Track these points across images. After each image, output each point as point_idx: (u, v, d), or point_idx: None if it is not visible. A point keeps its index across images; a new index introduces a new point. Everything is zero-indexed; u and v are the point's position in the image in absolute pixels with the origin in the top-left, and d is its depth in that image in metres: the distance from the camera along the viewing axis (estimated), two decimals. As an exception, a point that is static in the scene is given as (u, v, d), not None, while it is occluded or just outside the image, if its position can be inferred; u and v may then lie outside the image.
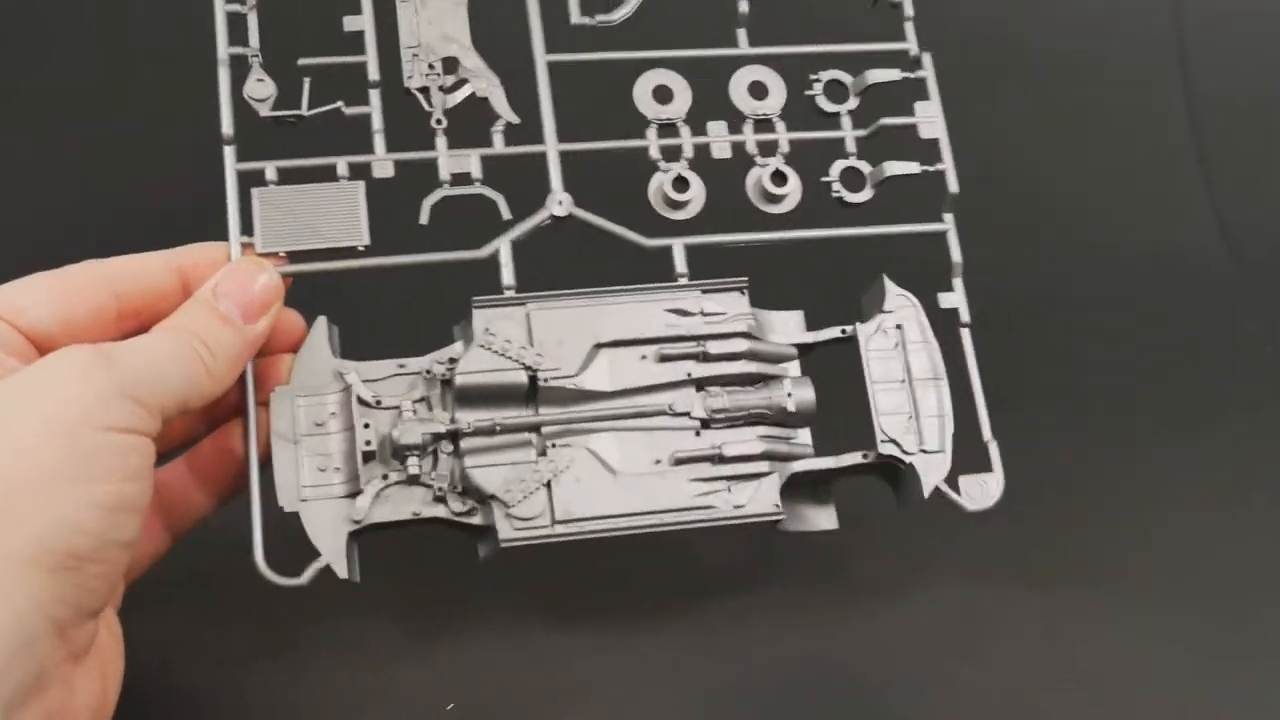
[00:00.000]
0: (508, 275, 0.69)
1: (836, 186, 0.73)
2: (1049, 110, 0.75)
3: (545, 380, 0.67)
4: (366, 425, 0.66)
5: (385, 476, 0.66)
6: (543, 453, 0.67)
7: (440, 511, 0.66)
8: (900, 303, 0.72)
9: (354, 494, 0.65)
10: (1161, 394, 0.92)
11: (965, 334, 0.72)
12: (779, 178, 0.73)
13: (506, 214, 0.69)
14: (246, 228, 0.67)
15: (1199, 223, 1.02)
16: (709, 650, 0.70)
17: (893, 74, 0.75)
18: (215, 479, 0.67)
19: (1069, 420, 0.88)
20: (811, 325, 0.72)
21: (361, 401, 0.67)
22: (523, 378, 0.67)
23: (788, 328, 0.72)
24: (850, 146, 0.74)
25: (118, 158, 0.93)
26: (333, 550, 0.65)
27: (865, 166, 0.74)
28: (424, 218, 0.69)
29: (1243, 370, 0.95)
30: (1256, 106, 1.07)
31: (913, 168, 0.73)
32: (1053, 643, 0.71)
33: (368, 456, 0.66)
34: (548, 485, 0.66)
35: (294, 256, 0.67)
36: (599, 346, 0.68)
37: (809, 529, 0.72)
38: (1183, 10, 1.09)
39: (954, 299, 0.73)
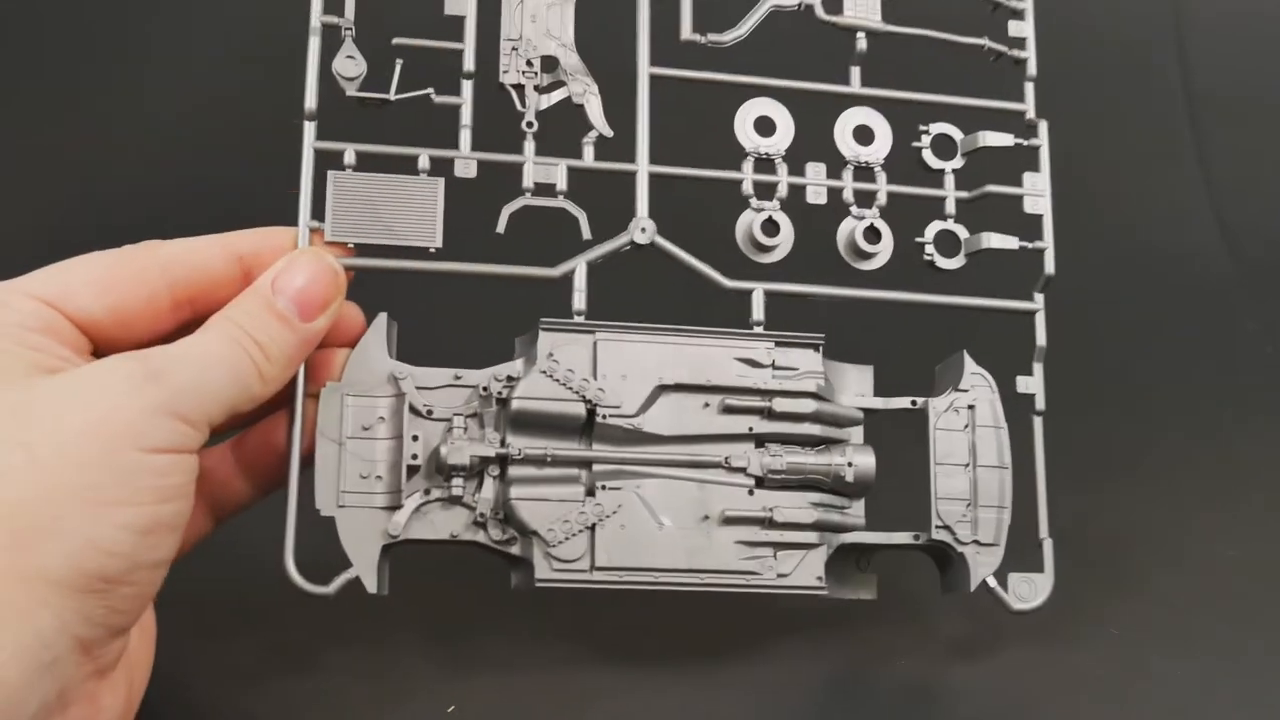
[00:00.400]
0: (579, 300, 0.69)
1: (930, 250, 0.74)
2: (1049, 111, 0.75)
3: (604, 416, 0.68)
4: (415, 438, 0.67)
5: (427, 492, 0.66)
6: (590, 492, 0.67)
7: (479, 537, 0.67)
8: (976, 381, 0.72)
9: (393, 506, 0.66)
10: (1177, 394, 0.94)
11: (1038, 423, 0.73)
12: (873, 234, 0.73)
13: (587, 234, 0.70)
14: (317, 212, 0.67)
15: (1199, 222, 1.04)
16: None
17: (1006, 139, 0.75)
18: (258, 469, 0.67)
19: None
20: (881, 383, 0.72)
21: (414, 410, 0.67)
22: (581, 410, 0.67)
23: (856, 385, 0.72)
24: (949, 208, 0.74)
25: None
26: (365, 561, 0.65)
27: (963, 232, 0.74)
28: (502, 226, 0.69)
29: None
30: (1256, 106, 1.08)
31: (1011, 243, 0.73)
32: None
33: (412, 470, 0.66)
34: (591, 529, 0.67)
35: (361, 250, 0.67)
36: (663, 388, 0.69)
37: (847, 597, 0.73)
38: (1182, 10, 1.09)
39: (1032, 384, 0.73)
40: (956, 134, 0.75)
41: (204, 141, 0.92)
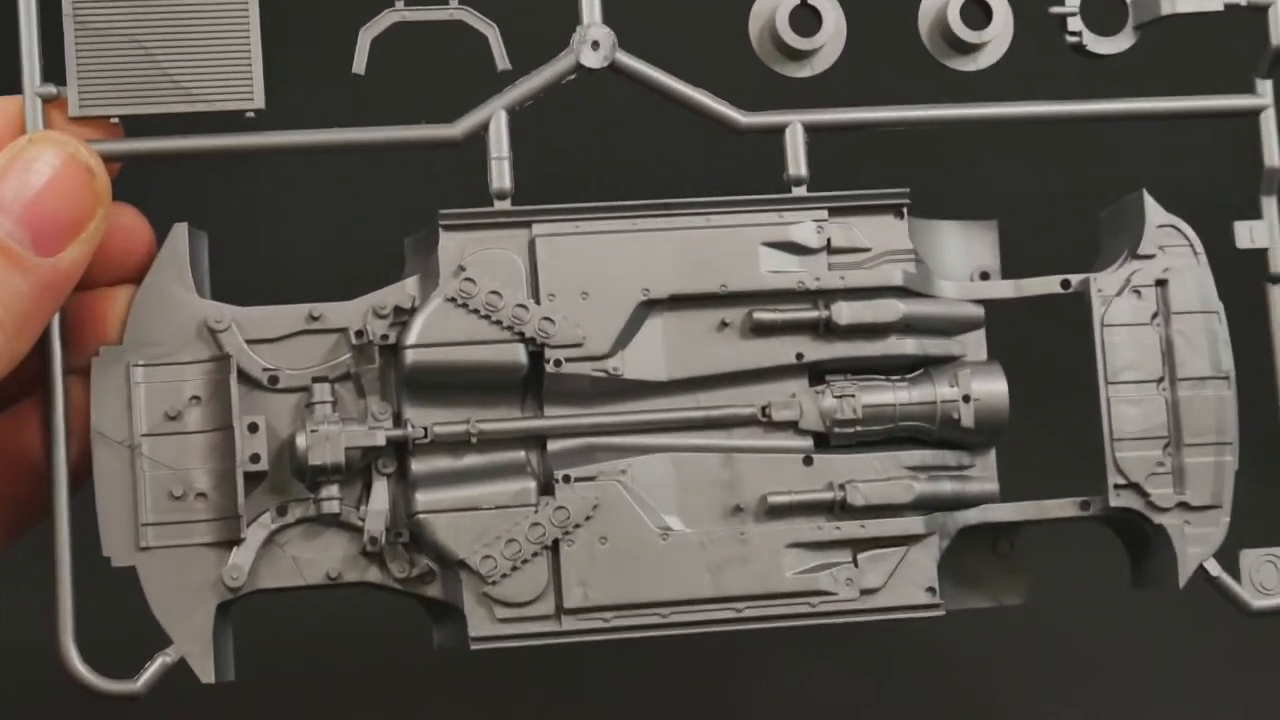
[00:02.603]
0: (501, 173, 0.67)
1: (1074, 23, 0.71)
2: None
3: (556, 362, 0.66)
4: (254, 427, 0.65)
5: (282, 511, 0.66)
6: (547, 488, 0.66)
7: (372, 575, 0.66)
8: (1168, 238, 0.70)
9: (228, 541, 0.65)
10: None
11: (1276, 293, 0.72)
12: (978, 10, 0.71)
13: (502, 61, 0.68)
14: (52, 71, 0.66)
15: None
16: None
17: None
18: (2, 497, 0.67)
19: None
20: (1010, 263, 0.71)
21: (247, 379, 0.66)
22: (521, 355, 0.66)
23: (967, 258, 0.71)
24: None
25: None
26: (190, 634, 0.64)
27: None
28: (360, 62, 0.67)
29: None
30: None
31: (1214, 1, 0.71)
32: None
33: (254, 480, 0.65)
34: (553, 548, 0.65)
35: (131, 126, 0.66)
36: (650, 306, 0.67)
37: (979, 604, 0.72)
38: None
39: (1262, 232, 0.71)
40: None
41: None
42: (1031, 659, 0.77)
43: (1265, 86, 0.72)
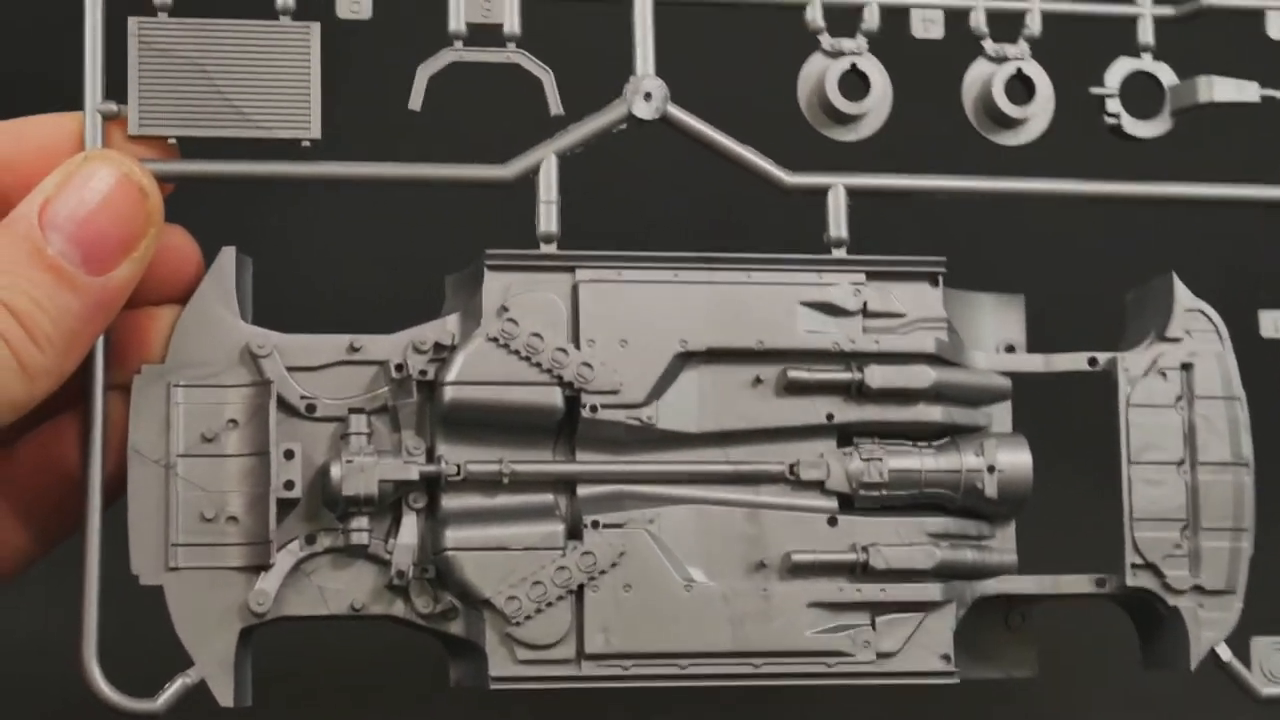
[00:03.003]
0: (549, 217, 0.68)
1: (1113, 105, 0.72)
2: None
3: (592, 408, 0.67)
4: (290, 453, 0.65)
5: (311, 539, 0.66)
6: (575, 532, 0.66)
7: (397, 609, 0.66)
8: (1195, 323, 0.71)
9: (257, 566, 0.65)
10: None
11: None
12: (1021, 87, 0.71)
13: (555, 106, 0.68)
14: (114, 89, 0.66)
15: None
16: None
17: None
18: (37, 506, 0.67)
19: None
20: (1034, 333, 0.72)
21: (285, 406, 0.66)
22: (557, 399, 0.66)
23: (997, 331, 0.72)
24: (1145, 36, 0.72)
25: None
26: (212, 657, 0.65)
27: (1167, 74, 0.72)
28: (416, 99, 0.68)
29: None
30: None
31: (1251, 91, 0.71)
32: None
33: (286, 507, 0.66)
34: (577, 593, 0.66)
35: (188, 148, 0.66)
36: (686, 358, 0.68)
37: (989, 675, 0.72)
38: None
39: None
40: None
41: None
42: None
43: (1300, 172, 0.71)
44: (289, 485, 0.65)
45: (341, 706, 0.71)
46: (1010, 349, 0.71)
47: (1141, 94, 0.72)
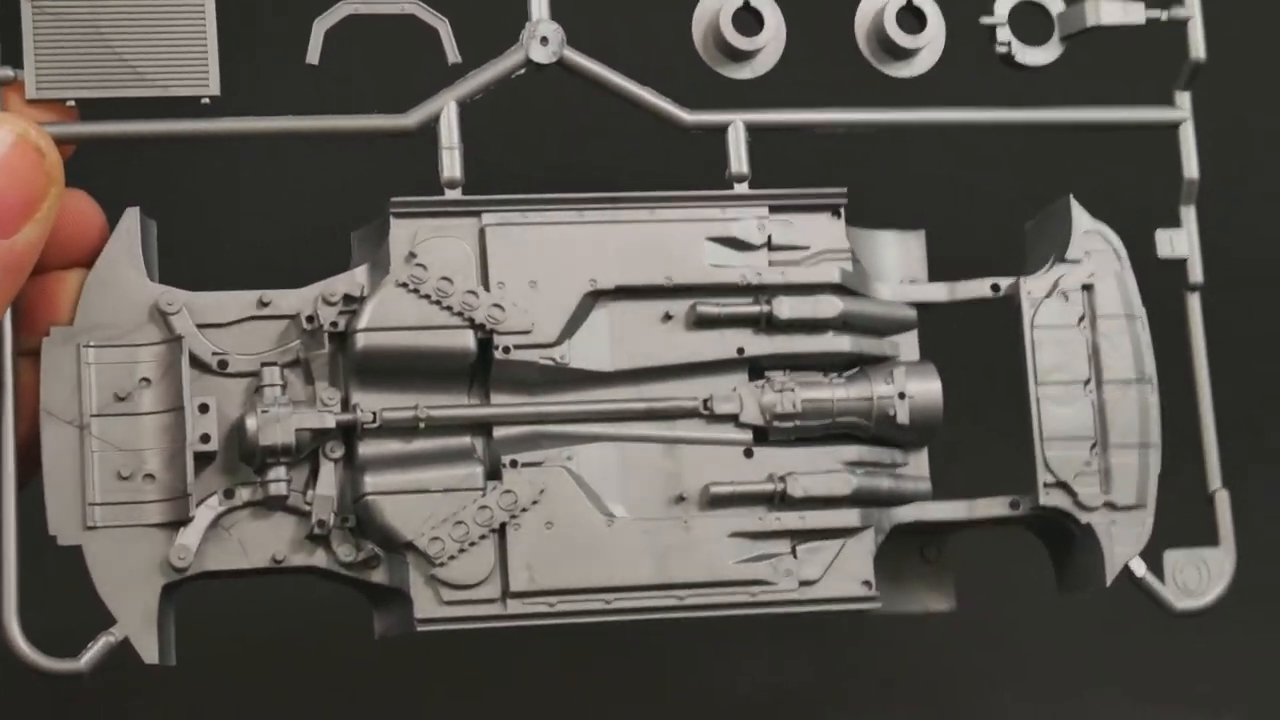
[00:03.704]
0: (452, 162, 0.68)
1: (1003, 34, 0.72)
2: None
3: (505, 349, 0.67)
4: (204, 407, 0.65)
5: (229, 494, 0.66)
6: (494, 474, 0.66)
7: (318, 559, 0.66)
8: (1093, 244, 0.71)
9: (177, 521, 0.65)
10: None
11: (1194, 301, 0.72)
12: (910, 18, 0.71)
13: (453, 54, 0.69)
14: (10, 56, 0.66)
15: None
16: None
17: None
18: None
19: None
20: (936, 268, 0.72)
21: (197, 362, 0.66)
22: (470, 342, 0.67)
23: (900, 265, 0.73)
24: None
25: None
26: (135, 614, 0.64)
27: (1055, 3, 0.73)
28: (314, 53, 0.68)
29: None
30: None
31: (1137, 14, 0.72)
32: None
33: (203, 461, 0.66)
34: (499, 531, 0.66)
35: (87, 109, 0.66)
36: (596, 296, 0.68)
37: (908, 609, 0.73)
38: None
39: (1181, 242, 0.72)
40: None
41: None
42: (963, 659, 0.78)
43: (1184, 99, 0.73)
44: (205, 439, 0.65)
45: (266, 663, 0.71)
46: (911, 281, 0.72)
47: (1031, 21, 0.72)
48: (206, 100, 0.66)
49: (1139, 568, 0.70)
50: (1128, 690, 0.77)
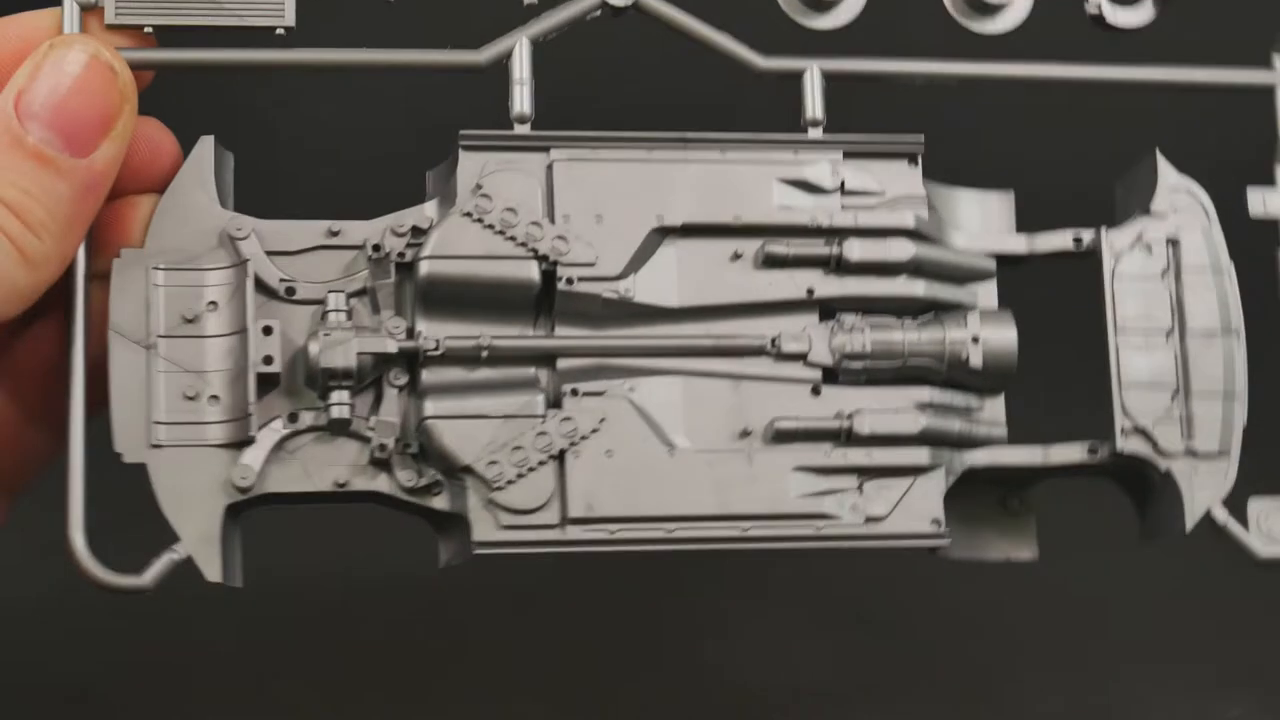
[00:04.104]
0: (522, 98, 0.69)
1: None
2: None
3: (569, 281, 0.67)
4: (268, 330, 0.66)
5: (293, 418, 0.67)
6: (555, 403, 0.67)
7: (380, 484, 0.67)
8: (1179, 201, 0.71)
9: (240, 442, 0.66)
10: None
11: None
12: None
13: None
14: None
15: None
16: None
17: None
18: (47, 400, 0.67)
19: None
20: (1025, 223, 0.72)
21: (264, 287, 0.67)
22: (534, 273, 0.67)
23: (982, 219, 0.72)
24: None
25: None
26: (198, 533, 0.65)
27: None
28: None
29: None
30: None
31: None
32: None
33: (267, 383, 0.66)
34: (559, 458, 0.66)
35: (164, 37, 0.67)
36: (664, 232, 0.68)
37: (987, 557, 0.72)
38: None
39: (1275, 201, 0.72)
40: None
41: None
42: (1038, 616, 0.77)
43: (1280, 61, 0.72)
44: (268, 360, 0.66)
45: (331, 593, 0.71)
46: (993, 233, 0.72)
47: None
48: (281, 31, 0.67)
49: (1221, 514, 0.69)
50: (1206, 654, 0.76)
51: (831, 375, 0.68)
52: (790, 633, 0.79)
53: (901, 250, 0.68)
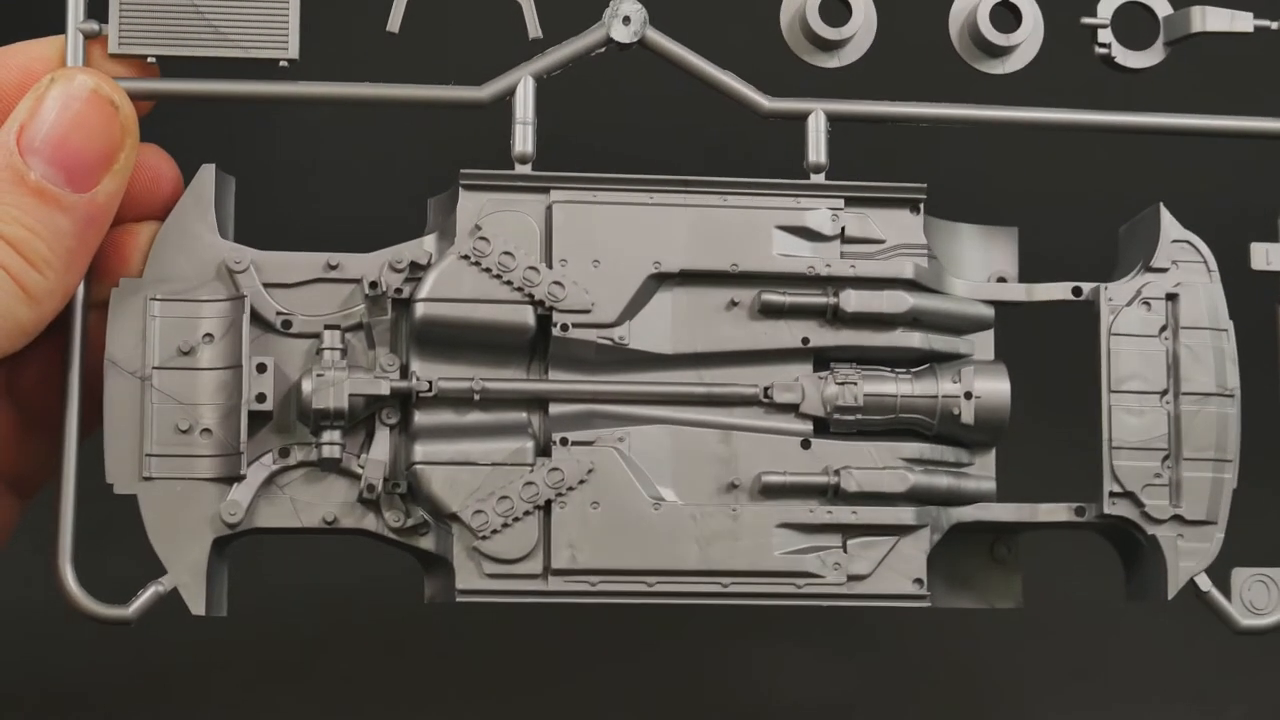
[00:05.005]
0: (524, 137, 0.69)
1: (1104, 36, 0.72)
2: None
3: (564, 327, 0.67)
4: (262, 367, 0.66)
5: (284, 453, 0.67)
6: (544, 450, 0.67)
7: (368, 523, 0.67)
8: (1181, 254, 0.71)
9: (230, 477, 0.66)
10: None
11: None
12: (1005, 14, 0.71)
13: (534, 29, 0.69)
14: (95, 8, 0.67)
15: None
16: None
17: None
18: (48, 409, 0.67)
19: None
20: (1028, 273, 0.72)
21: (260, 321, 0.67)
22: (528, 318, 0.67)
23: (982, 262, 0.72)
24: None
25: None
26: (185, 567, 0.66)
27: (1161, 4, 0.72)
28: (395, 21, 0.68)
29: None
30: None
31: (1244, 21, 0.71)
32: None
33: (259, 420, 0.67)
34: (545, 508, 0.67)
35: (168, 66, 0.67)
36: (660, 279, 0.68)
37: (972, 605, 0.72)
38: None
39: (1278, 255, 0.71)
40: None
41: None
42: (1024, 662, 0.77)
43: (1298, 115, 0.72)
44: (260, 398, 0.66)
45: (316, 624, 0.72)
46: (1002, 281, 0.71)
47: (1134, 24, 0.72)
48: (285, 63, 0.67)
49: (1204, 583, 0.70)
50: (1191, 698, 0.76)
51: (823, 426, 0.68)
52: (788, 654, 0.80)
53: (899, 303, 0.68)
